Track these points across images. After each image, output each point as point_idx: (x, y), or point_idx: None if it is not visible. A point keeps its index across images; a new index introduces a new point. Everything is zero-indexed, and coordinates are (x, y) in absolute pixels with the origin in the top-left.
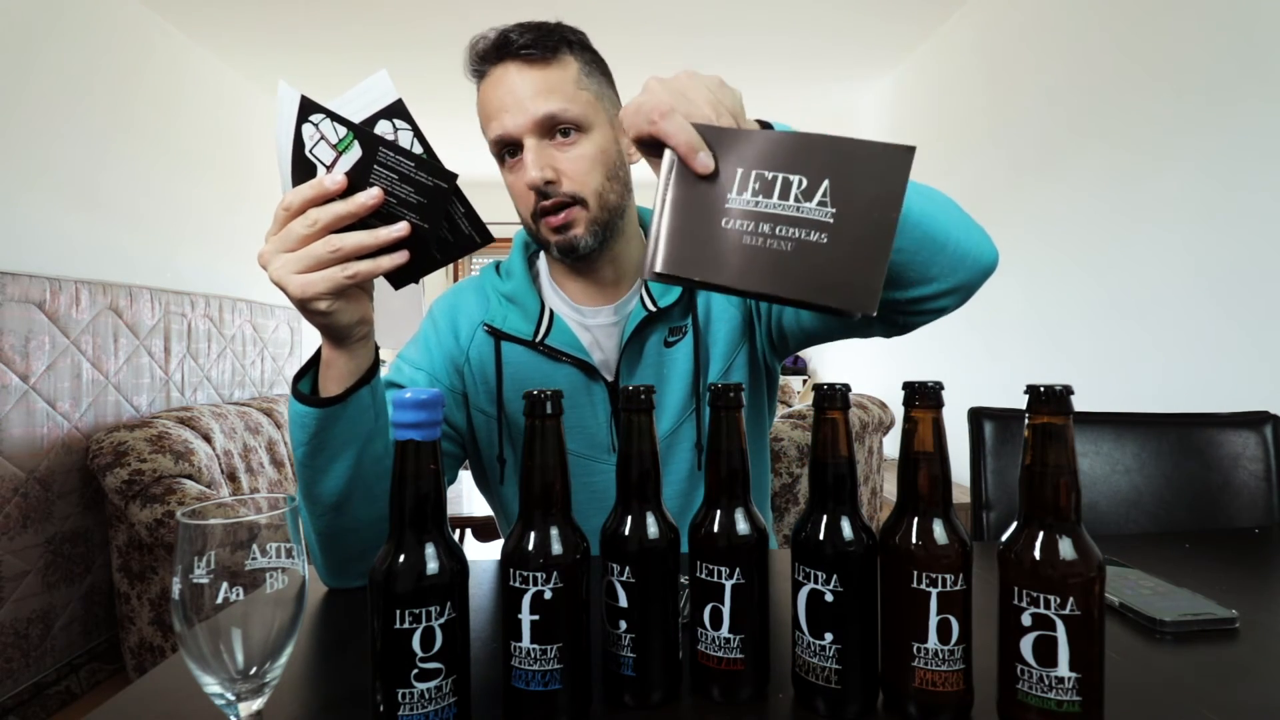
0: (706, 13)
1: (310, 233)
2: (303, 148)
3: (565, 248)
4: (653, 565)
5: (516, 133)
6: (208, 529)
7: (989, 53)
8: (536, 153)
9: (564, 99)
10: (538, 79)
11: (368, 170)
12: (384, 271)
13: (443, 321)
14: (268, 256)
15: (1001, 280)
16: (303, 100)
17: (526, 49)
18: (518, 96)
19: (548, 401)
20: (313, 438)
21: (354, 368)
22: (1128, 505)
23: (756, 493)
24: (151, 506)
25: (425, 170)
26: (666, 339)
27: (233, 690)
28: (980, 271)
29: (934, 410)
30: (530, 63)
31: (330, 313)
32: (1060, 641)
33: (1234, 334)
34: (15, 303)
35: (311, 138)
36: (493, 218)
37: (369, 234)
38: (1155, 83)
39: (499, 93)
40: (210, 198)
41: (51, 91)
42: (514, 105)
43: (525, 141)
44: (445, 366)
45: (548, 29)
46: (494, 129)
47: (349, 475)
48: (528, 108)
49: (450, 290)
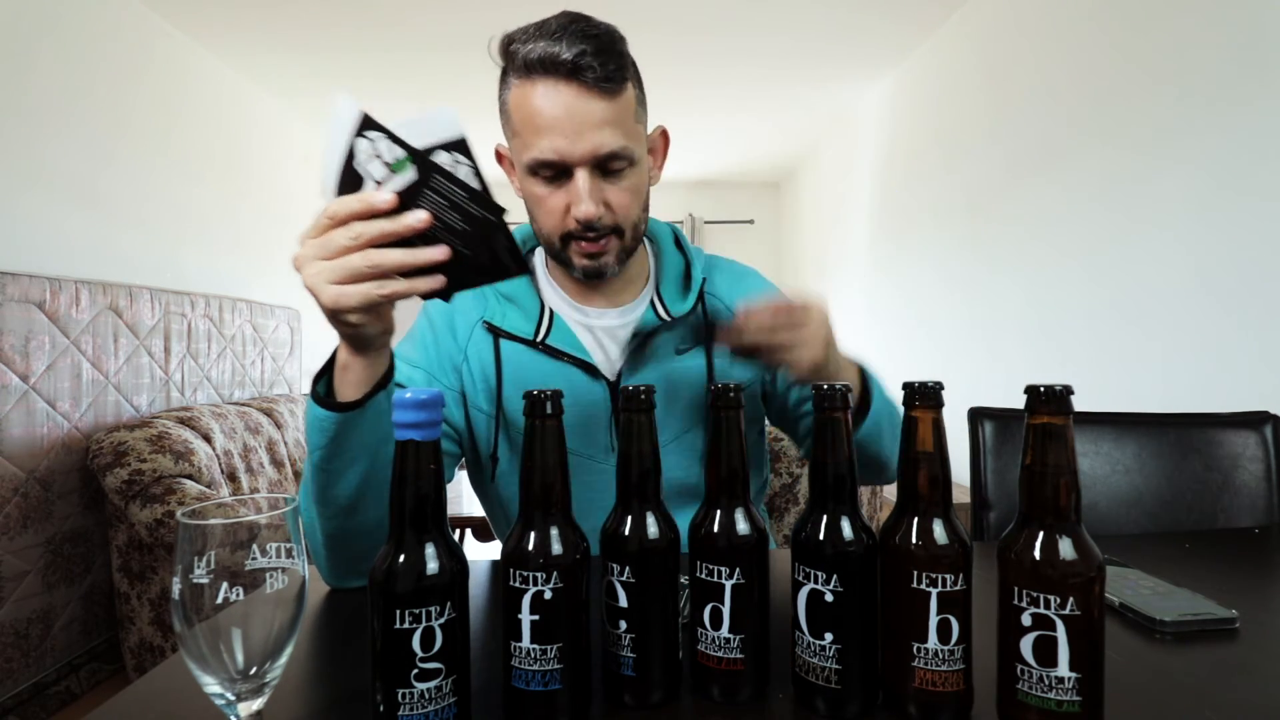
0: (706, 13)
1: (352, 245)
2: (353, 159)
3: (593, 273)
4: (653, 565)
5: (572, 162)
6: (208, 529)
7: (989, 53)
8: (592, 186)
9: (624, 135)
10: (602, 111)
11: (418, 194)
12: (419, 294)
13: (439, 319)
14: (304, 261)
15: (1001, 280)
16: (364, 116)
17: (596, 77)
18: (578, 124)
19: (548, 401)
20: (330, 441)
21: (371, 374)
22: (1128, 505)
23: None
24: (151, 506)
25: (477, 202)
26: (678, 346)
27: (233, 690)
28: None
29: (934, 410)
30: (597, 92)
31: (359, 325)
32: (1060, 641)
33: (1234, 334)
34: (15, 303)
35: (365, 152)
36: None
37: (409, 253)
38: (1155, 83)
39: (554, 112)
40: (210, 198)
41: (52, 91)
42: (573, 132)
43: (578, 172)
44: (444, 365)
45: (616, 52)
46: (542, 149)
47: (364, 478)
48: (591, 139)
49: None
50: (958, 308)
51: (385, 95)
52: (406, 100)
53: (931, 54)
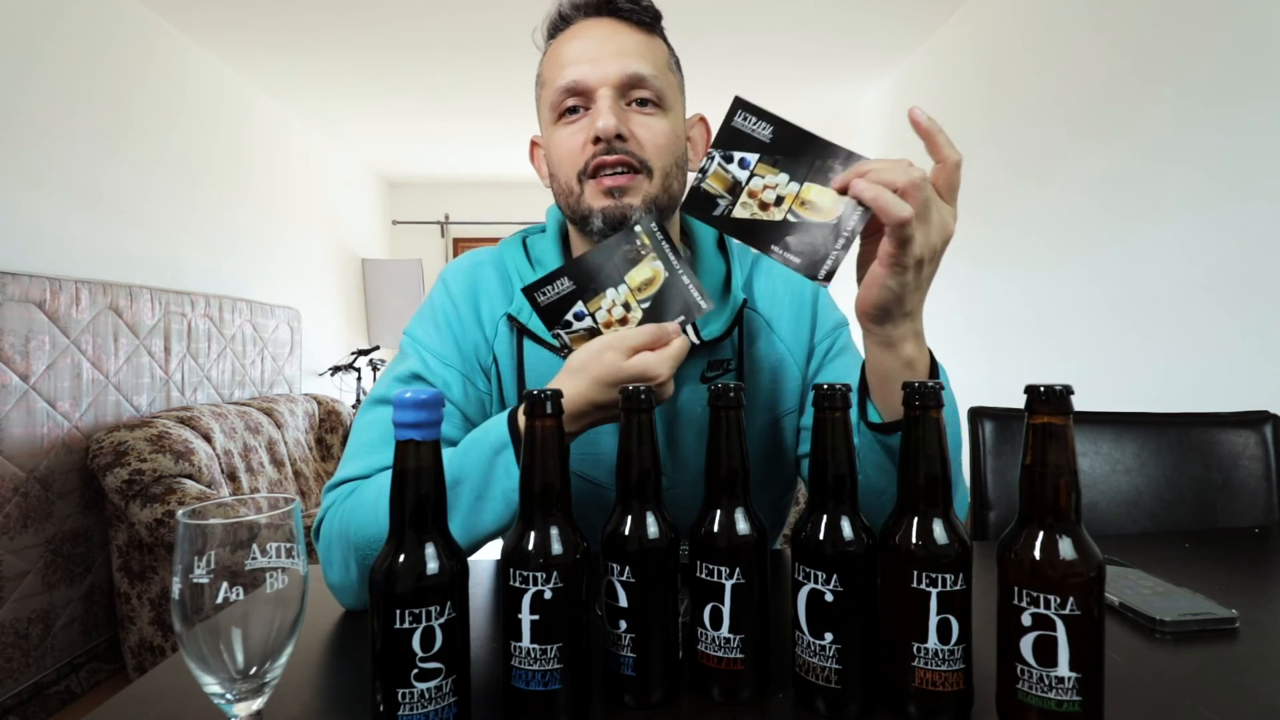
0: (706, 13)
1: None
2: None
3: (614, 216)
4: (653, 565)
5: (594, 83)
6: (208, 529)
7: (988, 53)
8: (614, 105)
9: (654, 67)
10: (633, 40)
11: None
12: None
13: (464, 305)
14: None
15: (1001, 280)
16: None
17: (630, 9)
18: (607, 50)
19: (548, 402)
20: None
21: None
22: (1128, 505)
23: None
24: (151, 506)
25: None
26: (704, 373)
27: (233, 690)
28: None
29: (934, 410)
30: (629, 24)
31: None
32: (1060, 641)
33: (1234, 334)
34: (15, 303)
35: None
36: (492, 217)
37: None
38: (1154, 83)
39: (582, 43)
40: (211, 198)
41: (52, 92)
42: (599, 57)
43: (600, 92)
44: (475, 368)
45: (653, 8)
46: (566, 75)
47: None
48: (616, 61)
49: (468, 263)
50: (957, 307)
51: (385, 95)
52: (407, 100)
53: (931, 54)
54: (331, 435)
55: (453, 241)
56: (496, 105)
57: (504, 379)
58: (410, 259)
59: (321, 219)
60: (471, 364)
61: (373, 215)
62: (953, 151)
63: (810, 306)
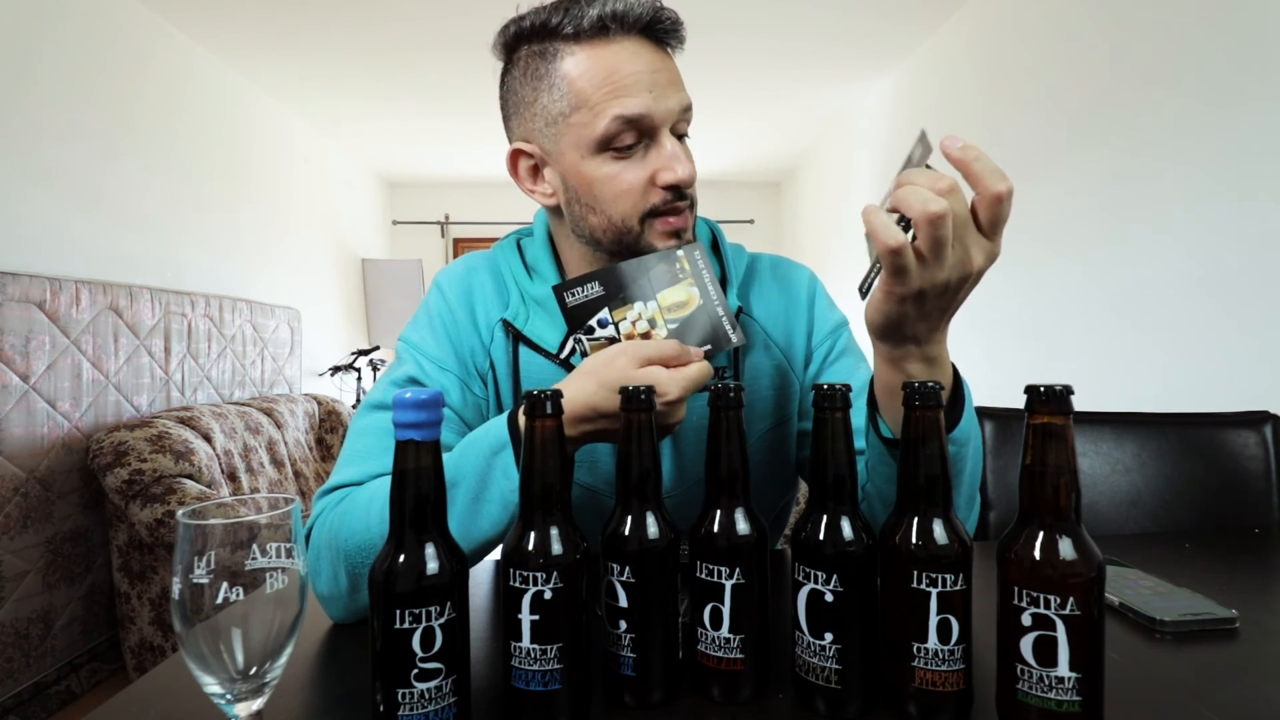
0: (707, 13)
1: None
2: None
3: None
4: (653, 565)
5: (661, 120)
6: (208, 529)
7: (988, 53)
8: (680, 144)
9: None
10: (675, 70)
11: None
12: None
13: (460, 310)
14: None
15: (1001, 280)
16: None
17: (665, 30)
18: (661, 81)
19: (548, 402)
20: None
21: None
22: (1128, 505)
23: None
24: (152, 506)
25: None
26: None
27: (233, 690)
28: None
29: (934, 410)
30: (667, 48)
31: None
32: (1060, 641)
33: (1234, 334)
34: (15, 303)
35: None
36: (492, 217)
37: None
38: (1154, 83)
39: (637, 68)
40: (211, 198)
41: (52, 92)
42: (657, 89)
43: (663, 133)
44: (472, 373)
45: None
46: (633, 106)
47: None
48: (675, 95)
49: (463, 268)
50: None
51: (386, 95)
52: (407, 100)
53: (931, 54)
54: (331, 435)
55: (453, 242)
56: (497, 105)
57: (500, 384)
58: (410, 259)
59: (322, 219)
60: (468, 369)
61: (373, 215)
62: (995, 181)
63: (807, 310)
